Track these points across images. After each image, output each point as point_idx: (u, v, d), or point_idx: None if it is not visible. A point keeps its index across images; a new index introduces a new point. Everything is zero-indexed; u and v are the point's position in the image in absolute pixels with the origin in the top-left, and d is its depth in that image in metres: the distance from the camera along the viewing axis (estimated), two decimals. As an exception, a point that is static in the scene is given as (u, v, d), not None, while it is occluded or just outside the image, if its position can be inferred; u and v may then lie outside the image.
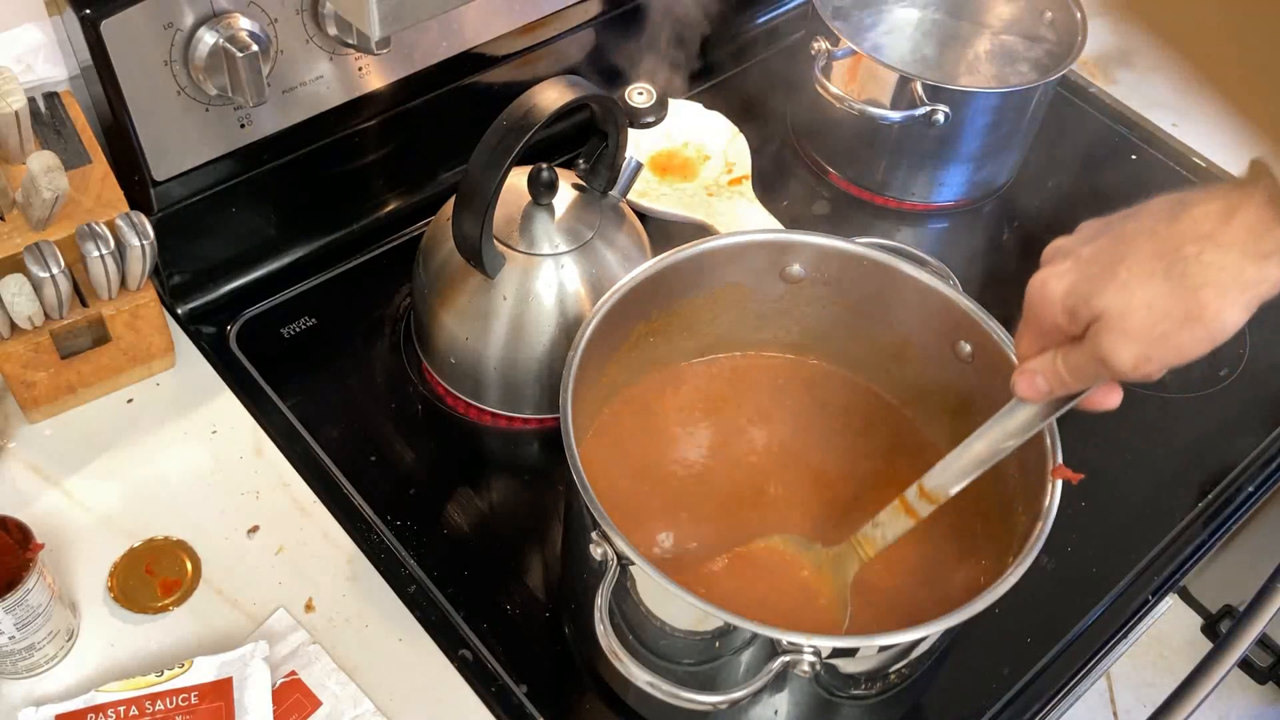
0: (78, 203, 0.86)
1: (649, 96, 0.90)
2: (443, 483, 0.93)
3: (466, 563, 0.88)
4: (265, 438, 0.92)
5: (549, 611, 0.86)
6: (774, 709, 0.74)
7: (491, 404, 0.95)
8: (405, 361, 1.00)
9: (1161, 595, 0.92)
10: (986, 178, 1.17)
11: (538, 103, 0.80)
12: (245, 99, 0.87)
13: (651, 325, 0.84)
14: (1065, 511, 0.70)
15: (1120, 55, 1.34)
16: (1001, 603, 0.65)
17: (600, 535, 0.68)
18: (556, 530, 0.91)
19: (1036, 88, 1.09)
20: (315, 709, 0.78)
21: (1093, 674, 0.88)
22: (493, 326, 0.90)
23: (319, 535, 0.87)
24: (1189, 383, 1.04)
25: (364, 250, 1.07)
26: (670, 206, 1.05)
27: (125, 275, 0.86)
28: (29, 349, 0.86)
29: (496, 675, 0.82)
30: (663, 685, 0.65)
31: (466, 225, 0.84)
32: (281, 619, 0.82)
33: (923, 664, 0.75)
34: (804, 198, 1.17)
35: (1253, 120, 1.28)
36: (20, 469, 0.89)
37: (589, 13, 1.11)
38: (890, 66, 1.08)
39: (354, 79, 0.97)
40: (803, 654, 0.64)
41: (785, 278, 0.85)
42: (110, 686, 0.76)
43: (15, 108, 0.83)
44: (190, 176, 0.94)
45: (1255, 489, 0.99)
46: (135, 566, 0.84)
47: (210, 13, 0.85)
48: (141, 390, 0.94)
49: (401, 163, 1.07)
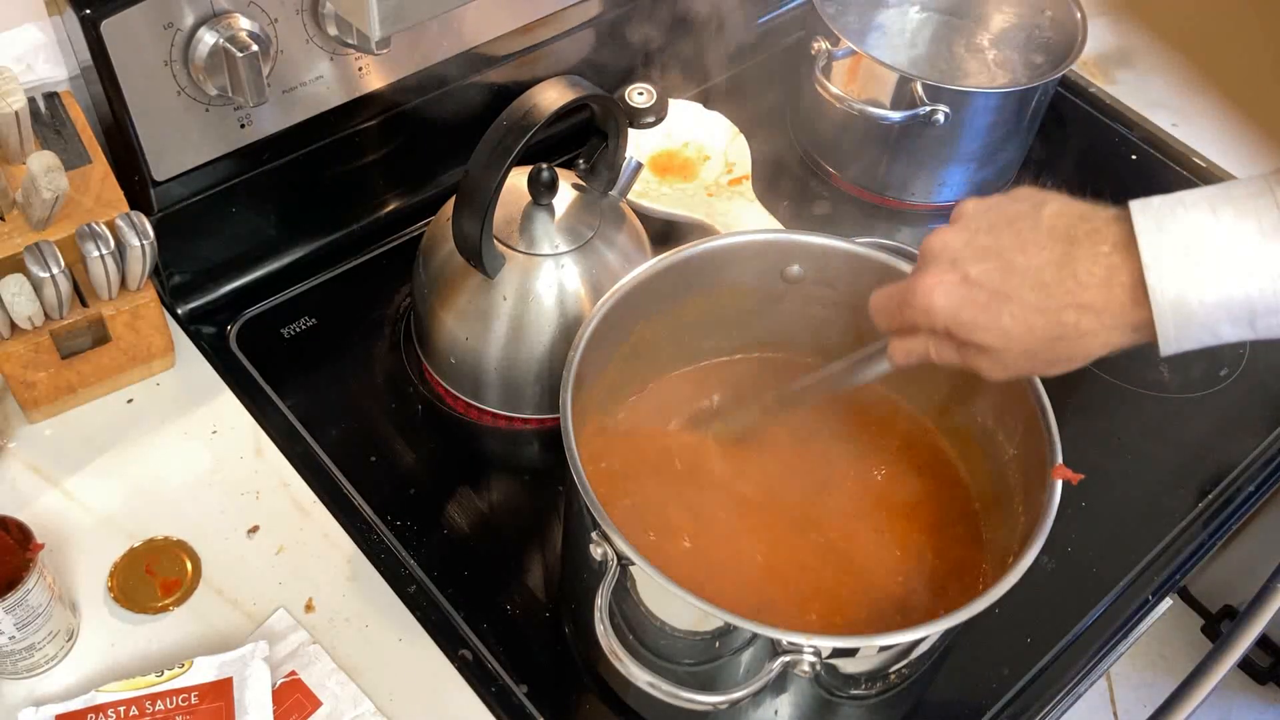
0: (78, 203, 0.86)
1: (649, 96, 0.90)
2: (443, 483, 0.93)
3: (466, 563, 0.88)
4: (265, 438, 0.92)
5: (549, 611, 0.86)
6: (774, 709, 0.74)
7: (491, 404, 0.95)
8: (405, 361, 1.00)
9: (1161, 595, 0.92)
10: (986, 178, 1.17)
11: (538, 103, 0.80)
12: (245, 99, 0.87)
13: (651, 325, 0.84)
14: (1065, 511, 0.70)
15: (1120, 55, 1.34)
16: (1001, 603, 0.65)
17: (600, 535, 0.68)
18: (556, 530, 0.91)
19: (1036, 88, 1.09)
20: (315, 709, 0.78)
21: (1093, 674, 0.88)
22: (493, 326, 0.90)
23: (319, 535, 0.87)
24: (1189, 383, 1.05)
25: (364, 250, 1.07)
26: (670, 206, 1.05)
27: (125, 275, 0.86)
28: (29, 349, 0.86)
29: (496, 675, 0.82)
30: (663, 685, 0.65)
31: (466, 225, 0.84)
32: (281, 619, 0.82)
33: (923, 664, 0.75)
34: (804, 198, 1.17)
35: (1253, 120, 1.28)
36: (20, 469, 0.89)
37: (589, 13, 1.11)
38: (890, 66, 1.08)
39: (354, 79, 0.97)
40: (803, 654, 0.64)
41: (785, 278, 0.85)
42: (110, 686, 0.76)
43: (15, 108, 0.83)
44: (190, 176, 0.94)
45: (1255, 489, 0.99)
46: (135, 566, 0.84)
47: (210, 13, 0.85)
48: (141, 390, 0.94)
49: (401, 163, 1.07)
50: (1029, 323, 0.63)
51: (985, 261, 0.64)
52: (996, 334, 0.64)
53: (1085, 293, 0.61)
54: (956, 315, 0.65)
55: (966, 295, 0.64)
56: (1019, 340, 0.63)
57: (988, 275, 0.64)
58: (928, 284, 0.66)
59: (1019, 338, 0.63)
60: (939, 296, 0.65)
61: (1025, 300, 0.62)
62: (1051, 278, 0.62)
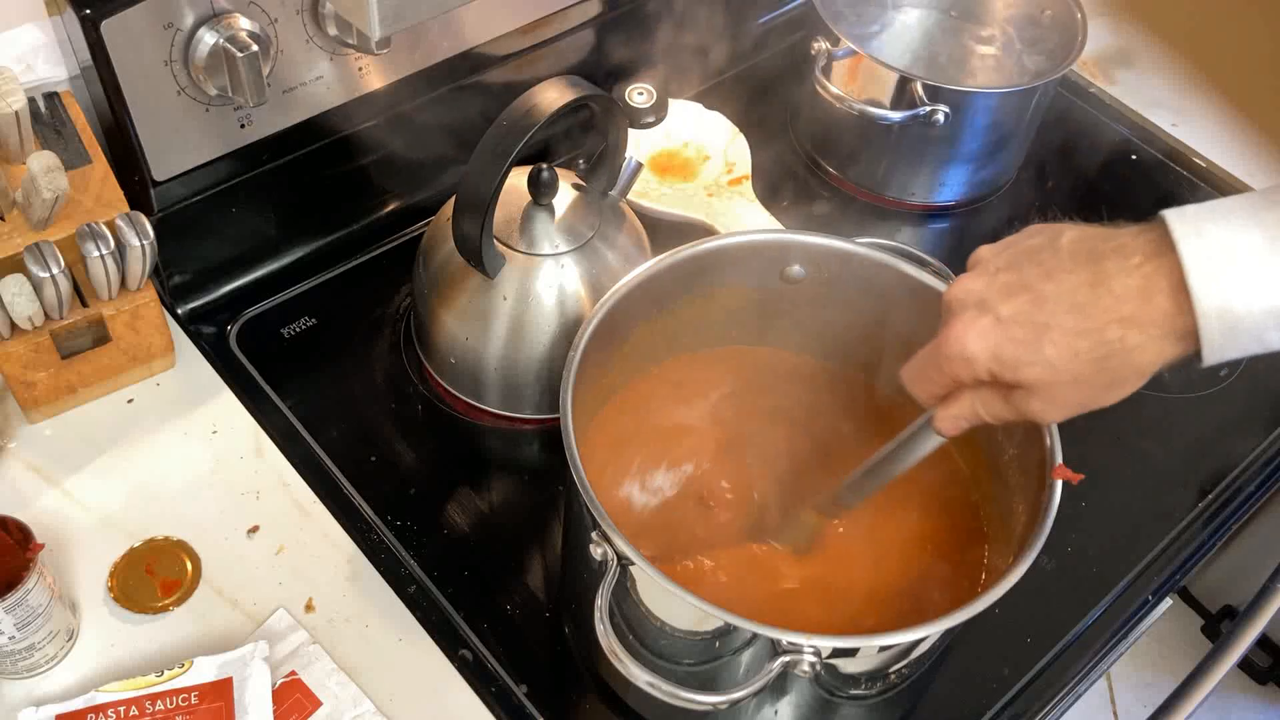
0: (78, 203, 0.86)
1: (649, 96, 0.90)
2: (443, 483, 0.93)
3: (466, 563, 0.88)
4: (265, 438, 0.92)
5: (549, 611, 0.86)
6: (774, 709, 0.74)
7: (491, 404, 0.95)
8: (405, 361, 1.00)
9: (1161, 595, 0.92)
10: (986, 178, 1.17)
11: (538, 103, 0.80)
12: (245, 99, 0.87)
13: (651, 325, 0.84)
14: (1065, 511, 0.70)
15: (1120, 55, 1.34)
16: (1001, 603, 0.65)
17: (600, 535, 0.68)
18: (556, 530, 0.91)
19: (1036, 88, 1.09)
20: (315, 709, 0.78)
21: (1093, 674, 0.88)
22: (493, 326, 0.90)
23: (319, 535, 0.87)
24: (1189, 383, 1.05)
25: (364, 250, 1.07)
26: (670, 206, 1.05)
27: (125, 275, 0.86)
28: (29, 349, 0.86)
29: (496, 675, 0.82)
30: (663, 685, 0.65)
31: (466, 225, 0.84)
32: (281, 619, 0.82)
33: (923, 664, 0.75)
34: (804, 198, 1.17)
35: (1253, 120, 1.28)
36: (20, 469, 0.89)
37: (589, 13, 1.11)
38: (890, 66, 1.08)
39: (354, 79, 0.97)
40: (803, 654, 0.64)
41: (785, 278, 0.85)
42: (110, 686, 0.76)
43: (15, 108, 0.83)
44: (190, 176, 0.94)
45: (1255, 489, 0.99)
46: (135, 566, 0.84)
47: (210, 13, 0.85)
48: (141, 390, 0.94)
49: (401, 163, 1.07)
50: (1073, 348, 0.60)
51: (1014, 297, 0.61)
52: (1042, 367, 0.61)
53: (1124, 306, 0.58)
54: (997, 356, 0.62)
55: (1003, 334, 0.61)
56: (1066, 369, 0.60)
57: (1020, 310, 0.61)
58: (958, 332, 0.63)
59: (1065, 366, 0.60)
60: (973, 341, 0.62)
61: (1064, 325, 0.60)
62: (1085, 298, 0.59)
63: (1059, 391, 0.62)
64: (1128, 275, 0.58)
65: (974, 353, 0.62)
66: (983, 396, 0.65)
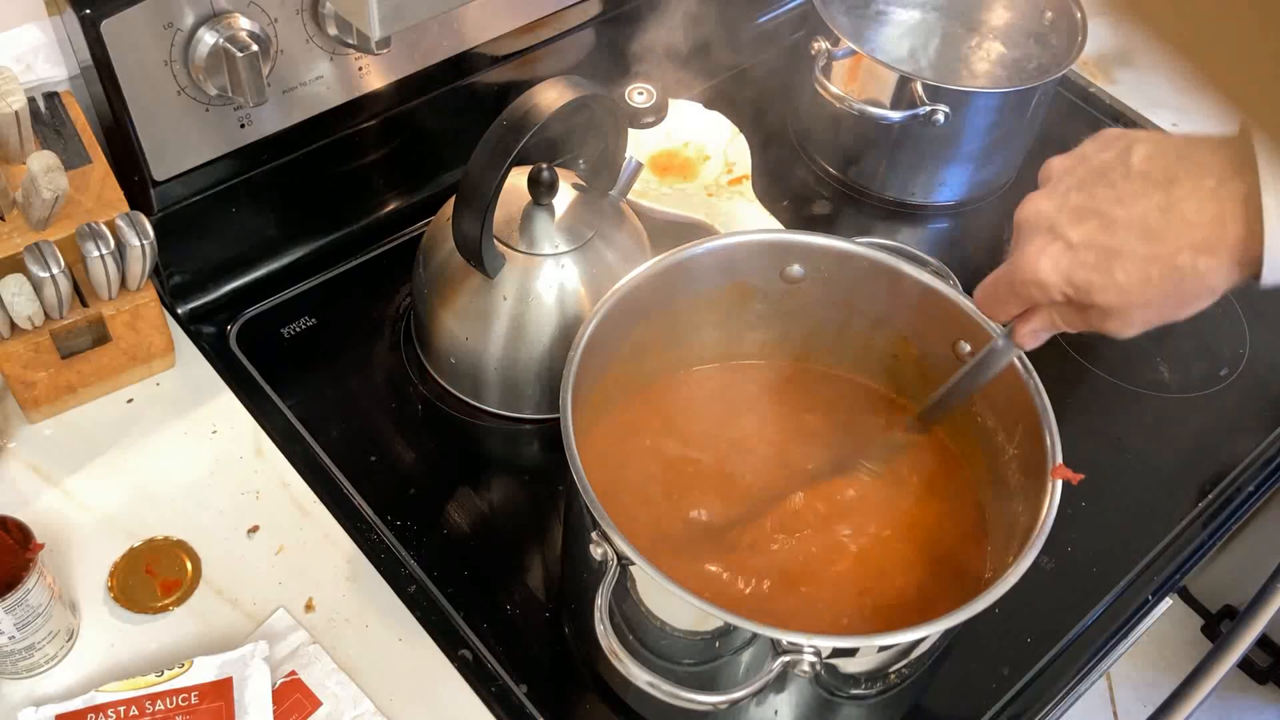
0: (78, 203, 0.86)
1: (649, 96, 0.90)
2: (443, 483, 0.93)
3: (466, 563, 0.88)
4: (265, 438, 0.92)
5: (549, 611, 0.86)
6: (774, 709, 0.74)
7: (491, 404, 0.95)
8: (405, 361, 1.00)
9: (1161, 595, 0.92)
10: (987, 177, 1.17)
11: (538, 103, 0.80)
12: (245, 99, 0.87)
13: (651, 325, 0.84)
14: (1065, 511, 0.70)
15: (1120, 55, 1.34)
16: (1001, 603, 0.65)
17: (600, 535, 0.68)
18: (556, 530, 0.91)
19: (1036, 88, 1.09)
20: (315, 709, 0.78)
21: (1093, 674, 0.88)
22: (493, 326, 0.90)
23: (319, 535, 0.87)
24: (1189, 383, 1.05)
25: (364, 250, 1.07)
26: (670, 206, 1.05)
27: (125, 275, 0.86)
28: (29, 349, 0.86)
29: (496, 675, 0.82)
30: (663, 685, 0.65)
31: (466, 225, 0.84)
32: (281, 619, 0.82)
33: (923, 664, 0.75)
34: (804, 198, 1.17)
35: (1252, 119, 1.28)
36: (20, 469, 0.89)
37: (589, 13, 1.11)
38: (890, 66, 1.08)
39: (354, 79, 0.97)
40: (803, 654, 0.64)
41: (785, 278, 0.85)
42: (110, 686, 0.76)
43: (15, 108, 0.83)
44: (190, 176, 0.94)
45: (1255, 489, 0.99)
46: (135, 566, 0.84)
47: (210, 13, 0.85)
48: (141, 390, 0.94)
49: (401, 163, 1.07)
50: (1145, 274, 0.60)
51: (1084, 222, 0.62)
52: (1114, 292, 0.61)
53: (1196, 233, 0.58)
54: (1070, 280, 0.62)
55: (1074, 259, 0.62)
56: (1138, 294, 0.61)
57: (1090, 235, 0.61)
58: (1031, 257, 0.63)
59: (1138, 291, 0.61)
60: (1046, 267, 0.63)
61: (1136, 252, 0.60)
62: (1157, 223, 0.59)
63: (1133, 313, 0.62)
64: (1202, 199, 0.58)
65: (1047, 278, 0.63)
66: (1060, 311, 0.66)
